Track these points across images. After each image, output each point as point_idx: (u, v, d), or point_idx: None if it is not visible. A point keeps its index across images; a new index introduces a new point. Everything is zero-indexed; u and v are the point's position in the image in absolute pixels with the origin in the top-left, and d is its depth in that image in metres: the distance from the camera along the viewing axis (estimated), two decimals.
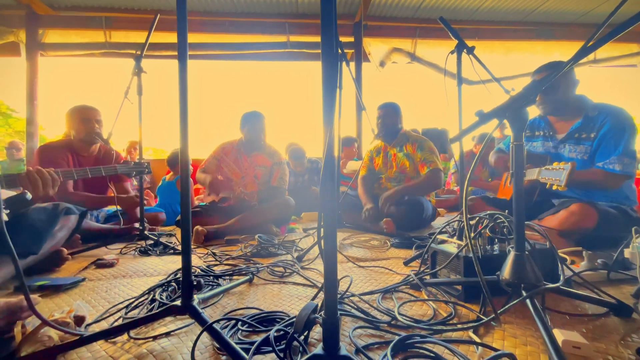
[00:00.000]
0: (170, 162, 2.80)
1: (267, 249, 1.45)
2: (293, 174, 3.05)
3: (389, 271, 1.21)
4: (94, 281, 1.16)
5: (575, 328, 0.72)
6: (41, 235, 1.24)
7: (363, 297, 0.91)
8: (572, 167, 1.02)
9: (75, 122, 1.97)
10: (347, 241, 1.71)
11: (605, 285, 0.99)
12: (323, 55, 0.55)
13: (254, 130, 2.19)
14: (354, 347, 0.64)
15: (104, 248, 1.65)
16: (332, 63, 0.56)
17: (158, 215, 2.36)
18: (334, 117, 0.59)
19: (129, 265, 1.36)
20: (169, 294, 0.94)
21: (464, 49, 1.56)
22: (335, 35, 0.58)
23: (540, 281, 0.71)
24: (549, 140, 1.65)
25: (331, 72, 0.56)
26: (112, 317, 0.83)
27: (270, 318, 0.77)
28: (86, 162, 2.02)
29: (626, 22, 0.61)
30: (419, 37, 4.25)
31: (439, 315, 0.80)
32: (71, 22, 3.94)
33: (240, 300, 0.93)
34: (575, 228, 1.33)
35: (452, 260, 0.94)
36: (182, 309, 0.69)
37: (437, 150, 2.15)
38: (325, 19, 0.55)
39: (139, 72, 1.76)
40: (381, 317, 0.79)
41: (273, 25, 4.09)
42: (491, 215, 0.98)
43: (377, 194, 2.21)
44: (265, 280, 1.11)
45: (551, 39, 4.53)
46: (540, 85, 0.68)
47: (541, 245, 0.98)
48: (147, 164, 1.64)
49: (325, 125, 0.57)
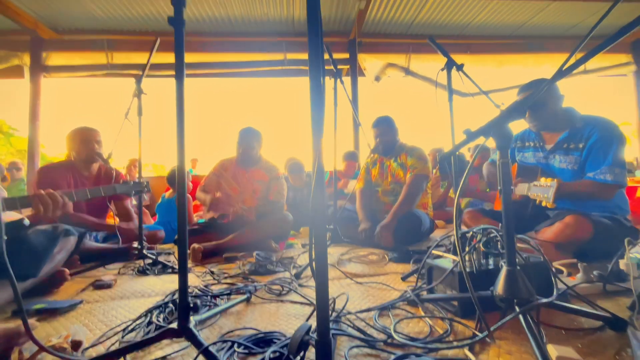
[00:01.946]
0: (170, 179, 2.82)
1: (265, 267, 1.45)
2: (292, 189, 3.07)
3: (387, 287, 1.21)
4: (92, 303, 1.15)
5: (571, 343, 0.73)
6: (40, 257, 1.24)
7: (360, 315, 0.91)
8: (558, 184, 1.04)
9: (75, 143, 2.00)
10: (345, 256, 1.72)
11: (601, 297, 1.00)
12: (311, 78, 0.59)
13: (248, 146, 2.23)
14: None
15: (102, 268, 1.65)
16: (319, 85, 0.60)
17: (157, 233, 2.36)
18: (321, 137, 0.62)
19: (127, 285, 1.36)
20: (166, 315, 0.94)
21: (454, 66, 1.61)
22: (321, 54, 0.61)
23: (533, 296, 0.72)
24: (539, 151, 1.68)
25: (319, 95, 0.59)
26: (109, 340, 0.83)
27: (267, 339, 0.77)
28: (87, 182, 2.04)
29: (605, 42, 0.64)
30: (412, 52, 4.37)
31: (435, 332, 0.81)
32: (74, 45, 4.07)
33: (237, 320, 0.94)
34: (571, 240, 1.34)
35: (448, 276, 0.94)
36: (178, 332, 0.69)
37: (428, 159, 2.19)
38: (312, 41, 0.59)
39: (139, 93, 1.80)
40: (378, 335, 0.79)
41: (271, 44, 4.22)
42: (484, 229, 1.00)
43: (374, 208, 2.23)
44: (263, 299, 1.11)
45: (542, 52, 4.65)
46: (522, 104, 0.71)
47: (535, 258, 0.99)
48: (146, 183, 1.67)
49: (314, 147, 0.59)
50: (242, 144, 2.23)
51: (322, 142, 0.60)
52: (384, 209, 2.21)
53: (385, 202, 2.24)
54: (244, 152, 2.24)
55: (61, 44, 4.05)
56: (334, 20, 4.06)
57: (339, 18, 4.03)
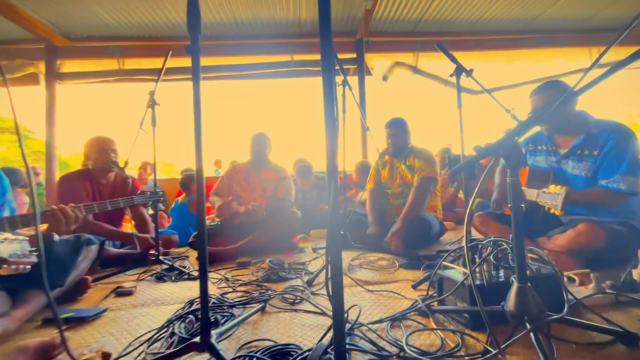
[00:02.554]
0: (183, 184, 2.89)
1: (278, 274, 1.49)
2: (301, 192, 3.10)
3: (398, 295, 1.23)
4: (115, 311, 1.21)
5: (581, 358, 0.74)
6: (66, 267, 1.31)
7: (371, 327, 0.94)
8: (567, 191, 1.04)
9: (92, 152, 2.07)
10: (355, 262, 1.74)
11: (614, 308, 1.00)
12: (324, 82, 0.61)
13: (259, 149, 2.38)
14: None
15: (122, 275, 1.72)
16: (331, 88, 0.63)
17: (171, 237, 2.43)
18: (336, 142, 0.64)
19: (147, 292, 1.42)
20: (186, 325, 0.99)
21: (463, 72, 1.60)
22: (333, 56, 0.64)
23: (543, 313, 0.74)
24: (552, 155, 1.67)
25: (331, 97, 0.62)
26: (135, 351, 0.88)
27: (284, 351, 0.80)
28: (104, 190, 2.12)
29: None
30: (420, 51, 4.32)
31: (446, 346, 0.83)
32: (87, 53, 4.18)
33: (254, 331, 0.98)
34: (584, 247, 1.33)
35: (458, 288, 0.96)
36: (201, 346, 0.74)
37: (436, 161, 2.18)
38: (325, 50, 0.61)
39: (152, 104, 1.85)
40: (390, 349, 0.82)
41: (277, 46, 4.24)
42: (494, 242, 1.01)
43: (383, 211, 2.24)
44: (278, 308, 1.14)
45: (554, 46, 4.53)
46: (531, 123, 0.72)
47: (546, 270, 0.99)
48: (162, 193, 1.72)
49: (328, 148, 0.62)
50: (256, 148, 2.38)
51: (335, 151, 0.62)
52: (392, 211, 2.22)
53: (394, 204, 2.25)
54: (256, 155, 2.38)
55: (74, 51, 4.16)
56: (340, 20, 4.05)
57: (346, 18, 4.01)
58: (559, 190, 1.14)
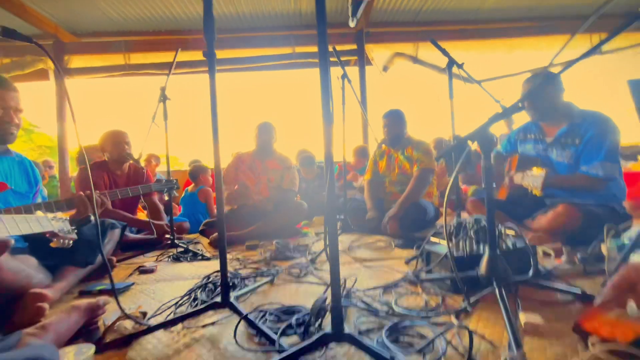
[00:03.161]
0: (192, 174, 3.04)
1: (284, 253, 1.64)
2: (304, 181, 3.24)
3: (392, 269, 1.37)
4: (141, 285, 1.37)
5: (543, 313, 0.88)
6: (95, 248, 1.46)
7: (367, 293, 1.08)
8: (546, 173, 1.16)
9: (107, 145, 2.22)
10: (355, 243, 1.89)
11: (581, 277, 1.13)
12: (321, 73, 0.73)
13: (265, 138, 2.45)
14: (357, 330, 0.82)
15: (142, 256, 1.88)
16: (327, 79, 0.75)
17: (183, 224, 2.60)
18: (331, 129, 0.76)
19: (167, 270, 1.57)
20: (206, 294, 1.14)
21: (454, 65, 1.70)
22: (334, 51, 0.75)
23: (509, 275, 0.87)
24: (539, 143, 1.77)
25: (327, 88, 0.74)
26: (164, 313, 1.03)
27: (291, 310, 0.95)
28: (119, 180, 2.27)
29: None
30: (420, 41, 4.36)
31: (429, 305, 0.97)
32: (93, 48, 4.28)
33: (264, 298, 1.12)
34: (562, 227, 1.46)
35: (443, 260, 1.10)
36: (222, 304, 0.88)
37: (434, 153, 2.30)
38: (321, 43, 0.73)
39: (164, 99, 1.98)
40: (381, 308, 0.96)
41: (279, 38, 4.31)
42: (477, 219, 1.14)
43: (381, 198, 2.37)
44: (285, 281, 1.29)
45: (555, 34, 4.54)
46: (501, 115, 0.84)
47: (521, 243, 1.13)
48: (176, 181, 1.87)
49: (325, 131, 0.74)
50: (261, 137, 2.44)
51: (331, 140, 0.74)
52: (390, 198, 2.35)
53: (392, 191, 2.38)
54: (262, 144, 2.45)
55: (81, 46, 4.26)
56: (340, 11, 4.09)
57: (346, 9, 4.05)
58: (540, 172, 1.26)
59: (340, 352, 0.74)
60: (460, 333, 0.78)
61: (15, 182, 1.30)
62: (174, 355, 0.78)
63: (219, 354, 0.76)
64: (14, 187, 1.29)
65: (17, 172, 1.33)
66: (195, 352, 0.77)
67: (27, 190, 1.35)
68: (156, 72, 4.30)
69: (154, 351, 0.81)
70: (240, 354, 0.76)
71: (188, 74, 4.49)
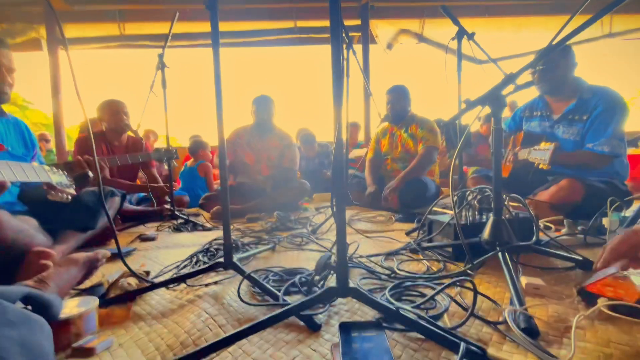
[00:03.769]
0: (191, 149, 3.00)
1: (285, 224, 1.64)
2: (305, 158, 3.21)
3: (393, 240, 1.38)
4: (143, 251, 1.38)
5: (544, 278, 0.88)
6: (95, 213, 1.46)
7: (369, 259, 1.09)
8: (555, 146, 1.15)
9: (105, 115, 2.17)
10: (355, 217, 1.89)
11: (581, 247, 1.14)
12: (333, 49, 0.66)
13: (263, 113, 2.33)
14: None
15: (142, 227, 1.88)
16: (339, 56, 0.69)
17: (182, 198, 2.59)
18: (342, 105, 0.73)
19: (168, 239, 1.58)
20: (208, 257, 1.14)
21: (464, 35, 1.64)
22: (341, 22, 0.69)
23: (512, 239, 0.87)
24: (546, 120, 1.75)
25: (339, 63, 0.70)
26: (167, 274, 1.04)
27: (294, 272, 0.95)
28: (117, 151, 2.23)
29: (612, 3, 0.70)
30: (427, 17, 4.22)
31: (431, 270, 0.98)
32: (86, 17, 4.10)
33: (266, 263, 1.13)
34: (564, 201, 1.46)
35: (445, 228, 1.10)
36: (225, 265, 0.88)
37: (439, 131, 2.26)
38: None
39: (162, 67, 1.91)
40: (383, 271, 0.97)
41: (280, 11, 4.14)
42: (481, 189, 1.13)
43: (382, 174, 2.36)
44: (286, 248, 1.30)
45: (565, 13, 4.39)
46: (512, 77, 0.81)
47: (524, 214, 1.12)
48: (175, 150, 1.84)
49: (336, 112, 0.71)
50: (258, 112, 2.32)
51: (343, 113, 0.71)
52: (391, 175, 2.34)
53: (394, 168, 2.36)
54: (259, 119, 2.34)
55: (74, 15, 4.08)
56: None
57: None
58: (548, 146, 1.24)
59: (343, 308, 0.75)
60: (462, 293, 0.78)
61: (11, 144, 1.27)
62: (177, 309, 0.79)
63: (223, 308, 0.77)
64: (10, 149, 1.26)
65: (12, 134, 1.30)
66: (199, 306, 0.77)
67: (24, 152, 1.32)
68: (153, 43, 4.15)
69: (158, 306, 0.81)
70: (244, 309, 0.76)
71: (187, 47, 4.35)
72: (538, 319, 0.65)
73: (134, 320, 0.75)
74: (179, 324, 0.71)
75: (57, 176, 0.93)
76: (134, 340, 0.66)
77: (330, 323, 0.69)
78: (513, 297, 0.69)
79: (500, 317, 0.68)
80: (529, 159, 1.41)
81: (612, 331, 0.62)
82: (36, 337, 0.45)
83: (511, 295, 0.69)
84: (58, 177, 0.93)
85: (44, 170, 0.84)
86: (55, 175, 0.90)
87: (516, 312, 0.63)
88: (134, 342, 0.65)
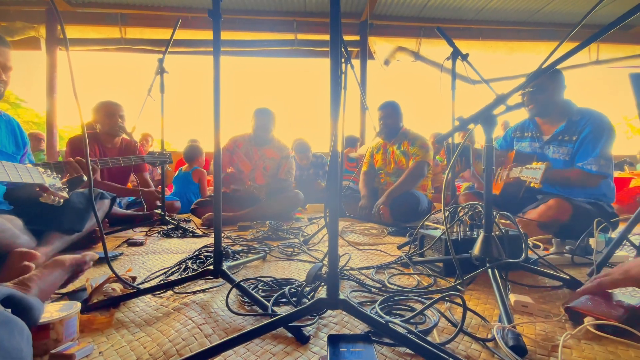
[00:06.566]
0: (187, 155, 2.99)
1: (277, 233, 1.63)
2: (299, 168, 3.22)
3: (384, 253, 1.38)
4: (130, 255, 1.35)
5: (531, 295, 0.89)
6: (83, 216, 1.42)
7: (360, 272, 1.08)
8: (547, 166, 1.18)
9: (100, 116, 2.15)
10: (348, 229, 1.89)
11: (568, 267, 1.16)
12: (332, 64, 0.68)
13: (263, 125, 2.35)
14: None
15: (130, 231, 1.84)
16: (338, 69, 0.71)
17: (174, 203, 2.55)
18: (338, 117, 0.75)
19: (156, 244, 1.55)
20: (197, 265, 1.12)
21: (459, 56, 1.70)
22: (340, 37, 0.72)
23: (502, 256, 0.88)
24: (536, 141, 1.80)
25: (337, 77, 0.71)
26: (153, 281, 1.01)
27: (284, 283, 0.94)
28: (110, 153, 2.21)
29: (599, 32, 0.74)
30: (423, 37, 4.36)
31: (421, 285, 0.98)
32: (88, 19, 4.12)
33: (256, 272, 1.11)
34: (552, 220, 1.49)
35: (436, 243, 1.10)
36: (215, 272, 0.87)
37: (431, 147, 2.31)
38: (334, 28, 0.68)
39: (161, 72, 1.92)
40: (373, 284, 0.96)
41: (281, 23, 4.23)
42: (472, 205, 1.15)
43: (376, 187, 2.38)
44: (277, 258, 1.29)
45: (555, 40, 4.60)
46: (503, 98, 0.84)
47: (514, 232, 1.14)
48: (169, 154, 1.83)
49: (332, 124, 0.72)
50: (258, 125, 2.34)
51: (339, 125, 0.72)
52: (385, 188, 2.36)
53: (387, 181, 2.38)
54: (259, 132, 2.36)
55: (76, 16, 4.10)
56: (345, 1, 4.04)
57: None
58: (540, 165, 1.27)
59: (332, 321, 0.74)
60: (451, 308, 0.78)
61: (1, 141, 1.25)
62: (162, 317, 0.77)
63: (210, 318, 0.75)
64: (0, 146, 1.24)
65: (4, 132, 1.28)
66: (185, 315, 0.75)
67: (14, 151, 1.29)
68: (153, 48, 4.18)
69: (142, 313, 0.79)
70: (231, 318, 0.75)
71: (187, 53, 4.39)
72: (526, 336, 0.65)
73: (117, 327, 0.72)
74: (164, 332, 0.69)
75: (50, 178, 0.91)
76: (115, 348, 0.64)
77: (319, 335, 0.68)
78: (502, 314, 0.69)
79: (489, 333, 0.68)
80: (520, 177, 1.44)
81: (598, 350, 0.62)
82: (15, 341, 0.44)
83: (500, 312, 0.70)
84: (52, 179, 0.91)
85: (38, 171, 0.82)
86: (49, 178, 0.89)
87: (505, 329, 0.63)
88: (114, 350, 0.63)
